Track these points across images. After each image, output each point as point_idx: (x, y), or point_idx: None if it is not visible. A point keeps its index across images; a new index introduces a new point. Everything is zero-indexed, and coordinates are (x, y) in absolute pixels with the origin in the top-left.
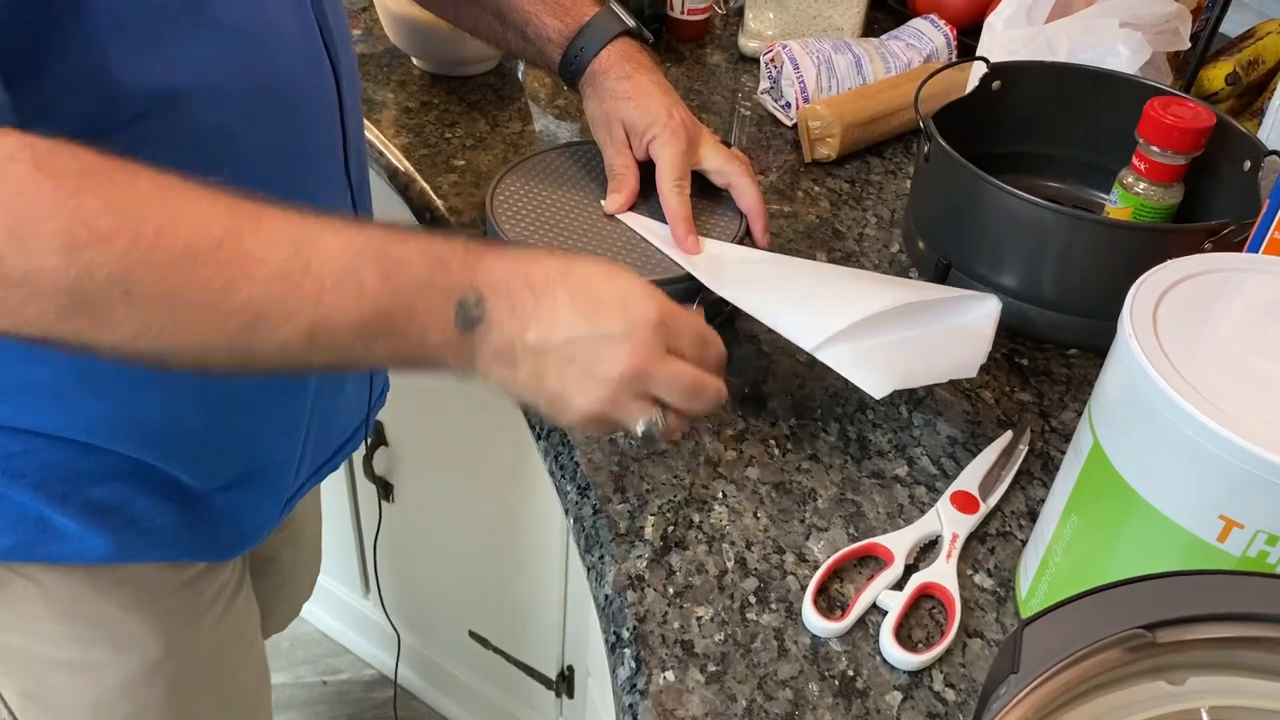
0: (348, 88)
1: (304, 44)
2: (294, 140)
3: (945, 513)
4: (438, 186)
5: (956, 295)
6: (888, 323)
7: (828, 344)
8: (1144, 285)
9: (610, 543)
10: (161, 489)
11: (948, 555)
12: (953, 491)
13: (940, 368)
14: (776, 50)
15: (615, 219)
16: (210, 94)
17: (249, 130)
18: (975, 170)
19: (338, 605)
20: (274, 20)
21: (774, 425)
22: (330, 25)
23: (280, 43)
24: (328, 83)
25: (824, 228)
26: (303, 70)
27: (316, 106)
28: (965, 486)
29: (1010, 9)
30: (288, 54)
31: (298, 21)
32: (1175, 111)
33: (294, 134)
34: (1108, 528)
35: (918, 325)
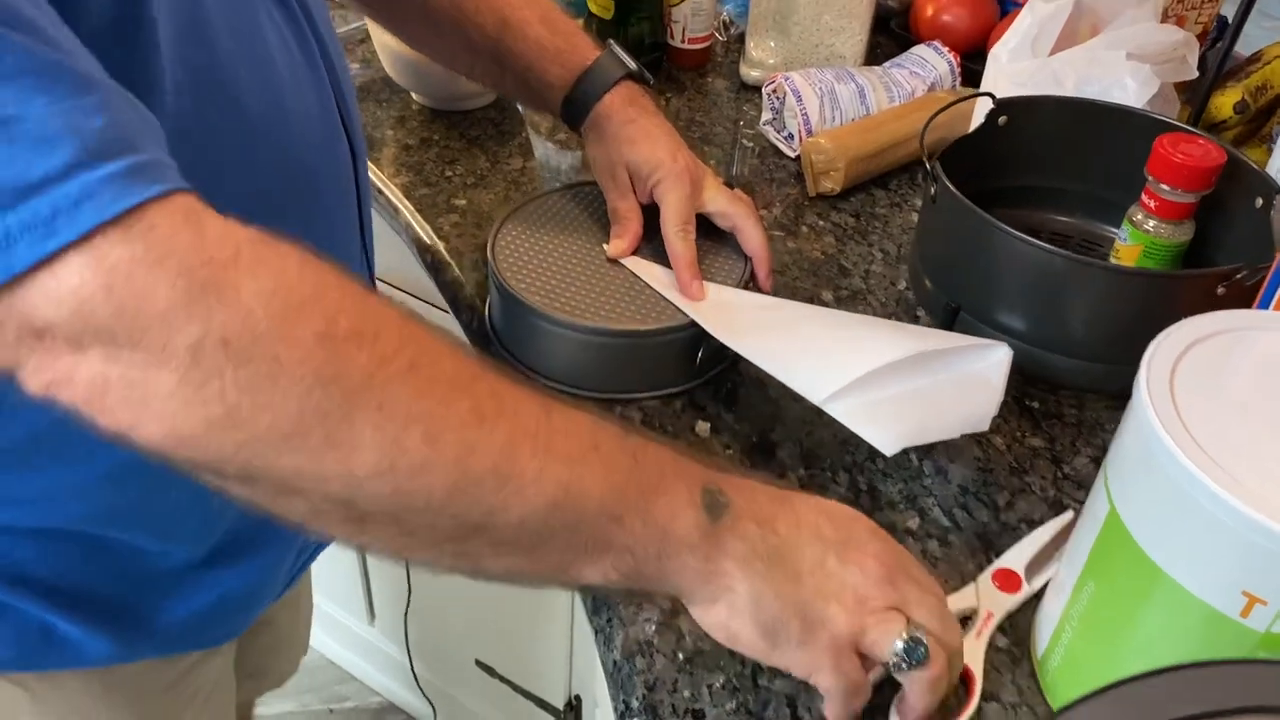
0: (361, 157)
1: (323, 121)
2: (318, 220)
3: (985, 589)
4: (439, 228)
5: (966, 344)
6: (897, 373)
7: (836, 397)
8: (1160, 348)
9: (619, 605)
10: (170, 576)
11: (978, 633)
12: (996, 569)
13: (952, 422)
14: (779, 82)
15: (618, 264)
16: (235, 190)
17: (275, 217)
18: (983, 215)
19: (343, 632)
20: (296, 100)
21: (782, 476)
22: (346, 99)
23: (301, 122)
24: (344, 155)
25: (829, 264)
26: (321, 147)
27: (336, 184)
28: (1012, 565)
29: (1015, 40)
30: (308, 133)
31: (319, 97)
32: (1185, 149)
33: (317, 214)
34: (1126, 597)
35: (927, 374)
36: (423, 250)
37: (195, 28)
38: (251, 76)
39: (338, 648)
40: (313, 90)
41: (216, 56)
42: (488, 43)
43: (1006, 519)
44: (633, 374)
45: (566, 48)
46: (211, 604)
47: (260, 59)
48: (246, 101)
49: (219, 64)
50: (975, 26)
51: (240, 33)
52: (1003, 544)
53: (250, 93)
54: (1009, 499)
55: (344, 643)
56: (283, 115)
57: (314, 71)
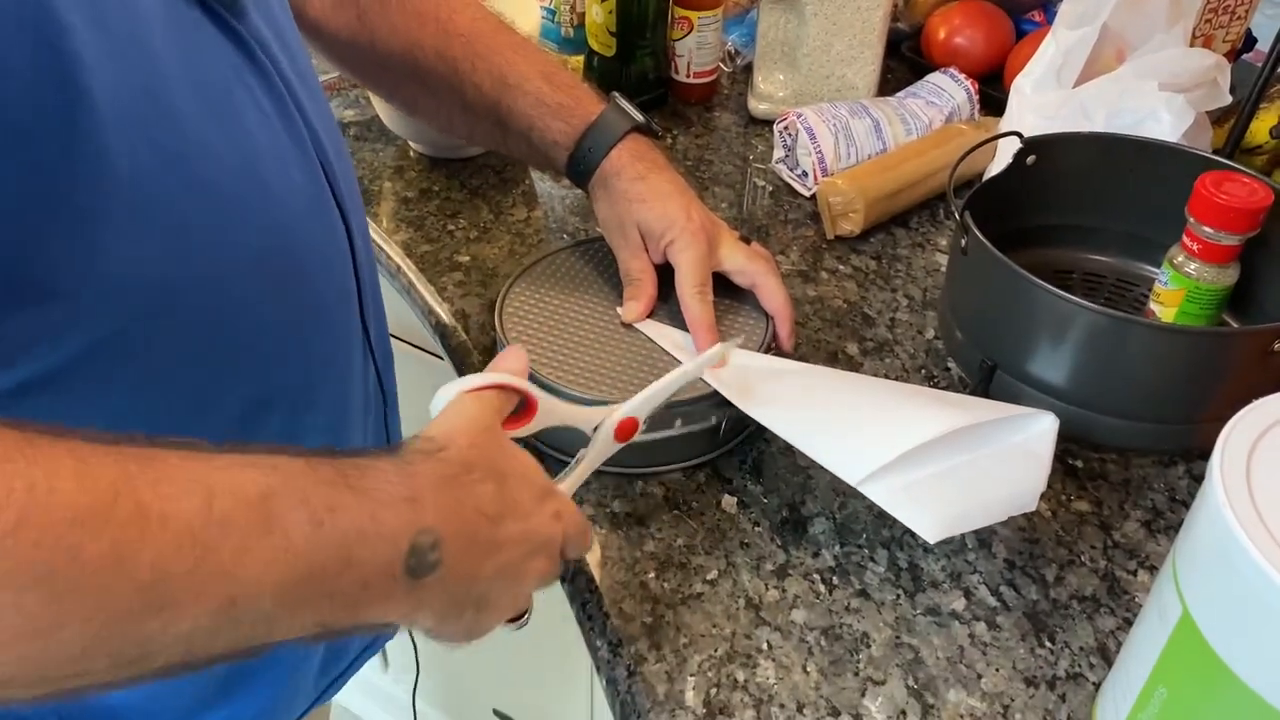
0: (359, 236)
1: (311, 198)
2: (306, 302)
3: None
4: (442, 288)
5: (1007, 414)
6: (936, 450)
7: (874, 478)
8: (1233, 434)
9: (649, 712)
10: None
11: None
12: (623, 418)
13: (997, 502)
14: (791, 119)
15: (633, 328)
16: (211, 271)
17: (256, 302)
18: (1021, 271)
19: (357, 680)
20: (279, 178)
21: (816, 556)
22: (335, 170)
23: (285, 201)
24: (337, 233)
25: (853, 313)
26: (310, 227)
27: (329, 265)
28: (637, 414)
29: (1039, 70)
30: (293, 213)
31: (305, 174)
32: (1228, 189)
33: (305, 297)
34: (1204, 709)
35: (968, 450)
36: (427, 313)
37: (151, 100)
38: (227, 154)
39: (352, 694)
40: (300, 168)
41: (181, 128)
42: (486, 102)
43: (1057, 595)
44: (652, 447)
45: (569, 102)
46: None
47: (236, 134)
48: (221, 183)
49: (184, 137)
50: (990, 50)
51: (211, 104)
52: (1053, 624)
53: (226, 174)
54: (1058, 573)
55: (359, 690)
56: (263, 194)
57: (300, 148)
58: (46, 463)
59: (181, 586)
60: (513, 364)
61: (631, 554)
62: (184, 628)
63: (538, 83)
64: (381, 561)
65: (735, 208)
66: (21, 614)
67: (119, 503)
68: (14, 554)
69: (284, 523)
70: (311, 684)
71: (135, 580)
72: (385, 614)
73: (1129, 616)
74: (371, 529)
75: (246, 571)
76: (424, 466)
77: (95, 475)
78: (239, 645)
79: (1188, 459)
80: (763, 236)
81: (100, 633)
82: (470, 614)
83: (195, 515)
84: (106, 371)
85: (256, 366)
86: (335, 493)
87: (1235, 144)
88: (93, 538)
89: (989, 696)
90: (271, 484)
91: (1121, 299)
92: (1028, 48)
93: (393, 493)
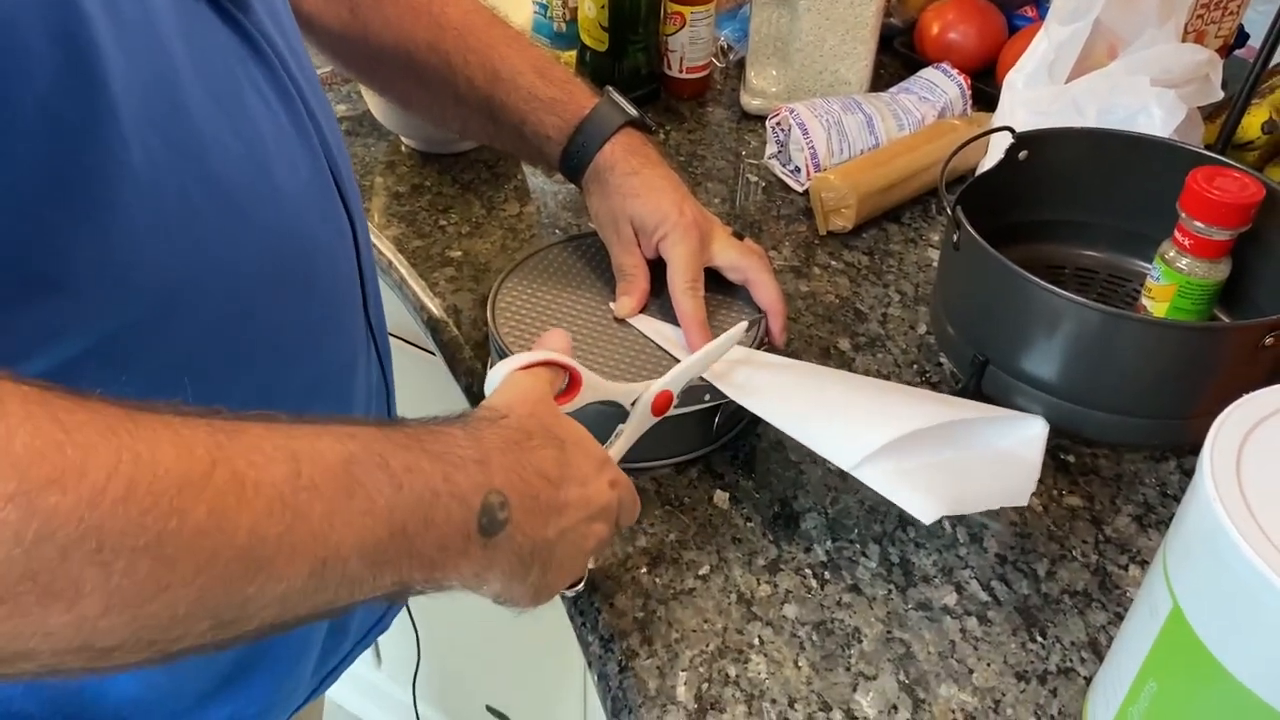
0: (362, 231)
1: (317, 192)
2: (314, 296)
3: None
4: (434, 283)
5: (1000, 415)
6: (929, 443)
7: (868, 462)
8: (1224, 429)
9: (640, 707)
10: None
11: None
12: (661, 390)
13: (989, 494)
14: (783, 114)
15: (626, 322)
16: (221, 264)
17: (265, 297)
18: (1013, 267)
19: (350, 676)
20: (286, 172)
21: (808, 551)
22: (339, 165)
23: (293, 195)
24: (343, 228)
25: (845, 308)
26: (317, 221)
27: (333, 257)
28: (672, 388)
29: (1031, 65)
30: (301, 207)
31: (311, 168)
32: (1220, 185)
33: (313, 290)
34: (1194, 703)
35: (960, 447)
36: (419, 308)
37: (163, 91)
38: (235, 146)
39: (345, 692)
40: (305, 161)
41: (191, 120)
42: (478, 96)
43: (1048, 590)
44: (645, 442)
45: (562, 97)
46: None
47: (244, 127)
48: (231, 176)
49: (195, 129)
50: (983, 44)
51: (220, 96)
52: (1044, 619)
53: (235, 167)
54: (1049, 567)
55: (352, 687)
56: (273, 190)
57: (305, 141)
58: (146, 434)
59: (276, 550)
60: (557, 343)
61: (623, 549)
62: (279, 589)
63: (530, 77)
64: (457, 521)
65: (728, 203)
66: (132, 577)
67: (216, 471)
68: (125, 520)
69: (366, 486)
70: (309, 676)
71: (234, 544)
72: (460, 572)
73: (1120, 611)
74: (445, 489)
75: (334, 534)
76: (489, 431)
77: (191, 445)
78: (326, 606)
79: (1179, 454)
80: (755, 232)
81: (202, 595)
82: (536, 574)
83: (285, 482)
84: (119, 364)
85: (266, 359)
86: (411, 456)
87: (1227, 139)
88: (195, 503)
89: (980, 691)
90: (351, 450)
91: (1113, 294)
92: (1020, 43)
93: (463, 455)
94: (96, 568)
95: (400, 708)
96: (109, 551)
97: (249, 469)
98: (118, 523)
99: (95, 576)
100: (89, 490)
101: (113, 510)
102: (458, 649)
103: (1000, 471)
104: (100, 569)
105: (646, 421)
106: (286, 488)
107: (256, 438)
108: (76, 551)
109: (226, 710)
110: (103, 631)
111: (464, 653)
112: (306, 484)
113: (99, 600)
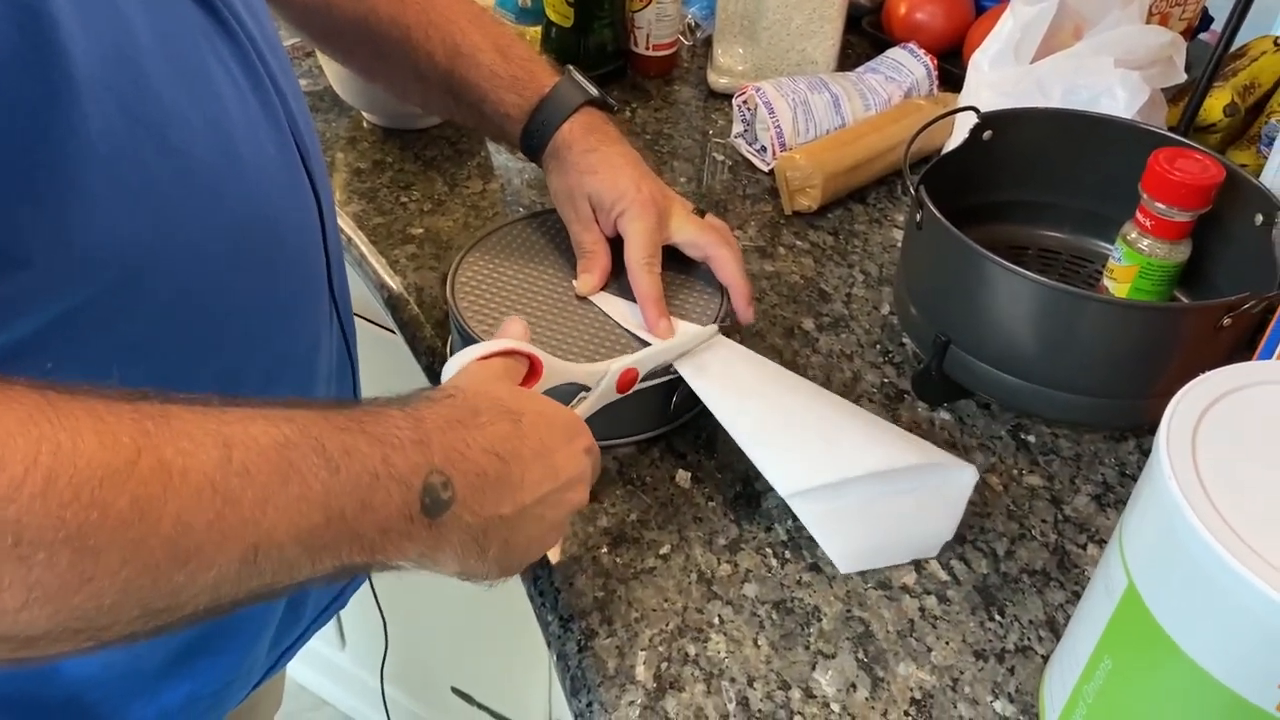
0: (327, 206)
1: (284, 169)
2: (280, 274)
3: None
4: (395, 260)
5: (939, 460)
6: (864, 481)
7: (801, 496)
8: (1180, 407)
9: (599, 687)
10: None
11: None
12: (628, 367)
13: (907, 544)
14: (749, 93)
15: (588, 300)
16: (183, 242)
17: (230, 274)
18: (975, 246)
19: (314, 657)
20: (252, 148)
21: (769, 530)
22: (305, 141)
23: (259, 171)
24: (308, 205)
25: (809, 288)
26: (283, 198)
27: (299, 234)
28: (640, 366)
29: (996, 46)
30: (267, 183)
31: (277, 145)
32: (1182, 166)
33: (278, 268)
34: (1148, 680)
35: (894, 486)
36: (379, 286)
37: (124, 65)
38: (199, 121)
39: (309, 673)
40: (272, 138)
41: (154, 96)
42: (438, 72)
43: (1007, 569)
44: (602, 420)
45: (523, 75)
46: (181, 703)
47: (208, 101)
48: (194, 151)
49: (157, 105)
50: (950, 25)
51: (184, 72)
52: (1003, 598)
53: (198, 141)
54: (1009, 547)
55: (316, 668)
56: (237, 166)
57: (271, 118)
58: (68, 423)
59: (205, 537)
60: (516, 330)
61: (584, 529)
62: (210, 577)
63: (491, 54)
64: (397, 503)
65: (694, 182)
66: (53, 571)
67: (141, 459)
68: (44, 514)
69: (301, 470)
70: (266, 653)
71: (160, 534)
72: (404, 554)
73: (1078, 590)
74: (385, 472)
75: (267, 519)
76: (429, 410)
77: (115, 433)
78: (263, 590)
79: (1138, 434)
80: (721, 212)
81: (129, 586)
82: (497, 550)
83: (215, 468)
84: (79, 341)
85: (230, 337)
86: (349, 438)
87: (1189, 122)
88: (118, 494)
89: (938, 669)
90: (287, 433)
91: (1075, 275)
92: (987, 24)
93: (402, 436)
94: (14, 562)
95: (364, 689)
96: (26, 545)
97: (176, 456)
98: (35, 517)
99: (13, 571)
100: (5, 484)
101: (30, 504)
102: (423, 632)
103: (925, 517)
104: (18, 563)
105: (610, 396)
106: (216, 474)
107: (185, 423)
108: None
109: (184, 688)
110: (24, 623)
111: (429, 635)
112: (238, 469)
113: (18, 594)
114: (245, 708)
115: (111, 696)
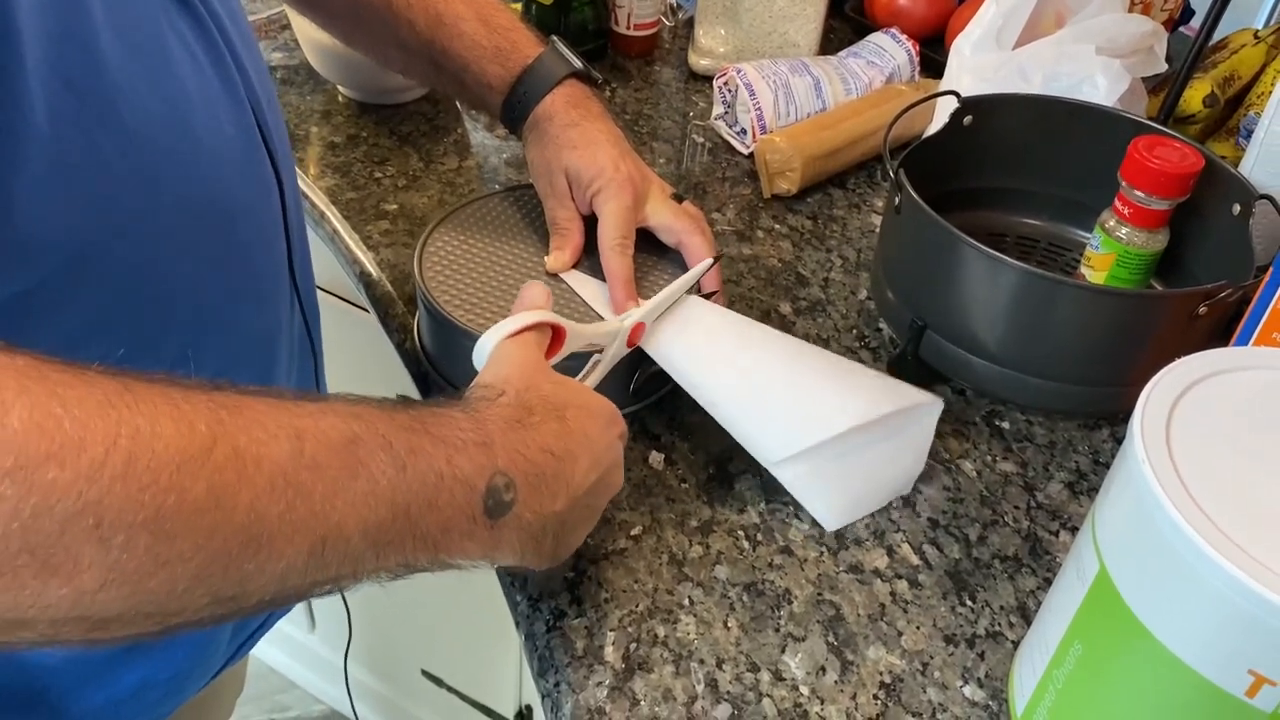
0: (290, 187)
1: (243, 148)
2: (237, 259)
3: (619, 341)
4: (367, 236)
5: (909, 402)
6: (843, 436)
7: (785, 463)
8: (1154, 392)
9: (567, 667)
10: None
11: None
12: (638, 321)
13: (885, 490)
14: (730, 74)
15: (558, 278)
16: (135, 224)
17: (184, 255)
18: (952, 230)
19: (283, 639)
20: (210, 127)
21: (742, 512)
22: (268, 120)
23: (215, 152)
24: (269, 185)
25: (787, 272)
26: (241, 178)
27: (259, 218)
28: (646, 319)
29: (978, 32)
30: (224, 163)
31: (237, 124)
32: (1160, 154)
33: (234, 249)
34: (1118, 665)
35: (869, 435)
36: (351, 262)
37: (73, 42)
38: (154, 100)
39: (279, 655)
40: (231, 118)
41: (106, 74)
42: (420, 41)
43: (979, 555)
44: None
45: (505, 46)
46: (132, 690)
47: (165, 80)
48: (147, 132)
49: (109, 83)
50: (933, 11)
51: (139, 49)
52: (974, 583)
53: (152, 123)
54: (981, 532)
55: (285, 650)
56: (192, 148)
57: (233, 98)
58: (146, 409)
59: (276, 528)
60: (537, 298)
61: None
62: (279, 567)
63: (474, 24)
64: (461, 504)
65: (674, 164)
66: (131, 554)
67: (217, 447)
68: (124, 496)
69: (369, 466)
70: (226, 641)
71: (234, 522)
72: (466, 553)
73: (1050, 576)
74: (449, 472)
75: (336, 513)
76: (490, 412)
77: (191, 421)
78: (326, 582)
79: (1113, 422)
80: (700, 194)
81: (201, 571)
82: (550, 543)
83: (288, 459)
84: (31, 325)
85: (184, 321)
86: (415, 438)
87: (1169, 112)
88: (194, 480)
89: (909, 654)
90: (355, 430)
91: (1053, 263)
92: (969, 10)
93: (465, 438)
94: (95, 543)
95: (334, 672)
96: (107, 527)
97: (250, 445)
98: (116, 498)
99: (93, 551)
100: (87, 465)
101: (111, 485)
102: (391, 615)
103: (898, 460)
104: (98, 544)
105: (621, 352)
106: (289, 465)
107: (259, 414)
108: (75, 526)
109: (137, 674)
110: (101, 604)
111: (397, 618)
112: (309, 462)
113: (97, 574)
114: (205, 693)
115: (61, 682)
